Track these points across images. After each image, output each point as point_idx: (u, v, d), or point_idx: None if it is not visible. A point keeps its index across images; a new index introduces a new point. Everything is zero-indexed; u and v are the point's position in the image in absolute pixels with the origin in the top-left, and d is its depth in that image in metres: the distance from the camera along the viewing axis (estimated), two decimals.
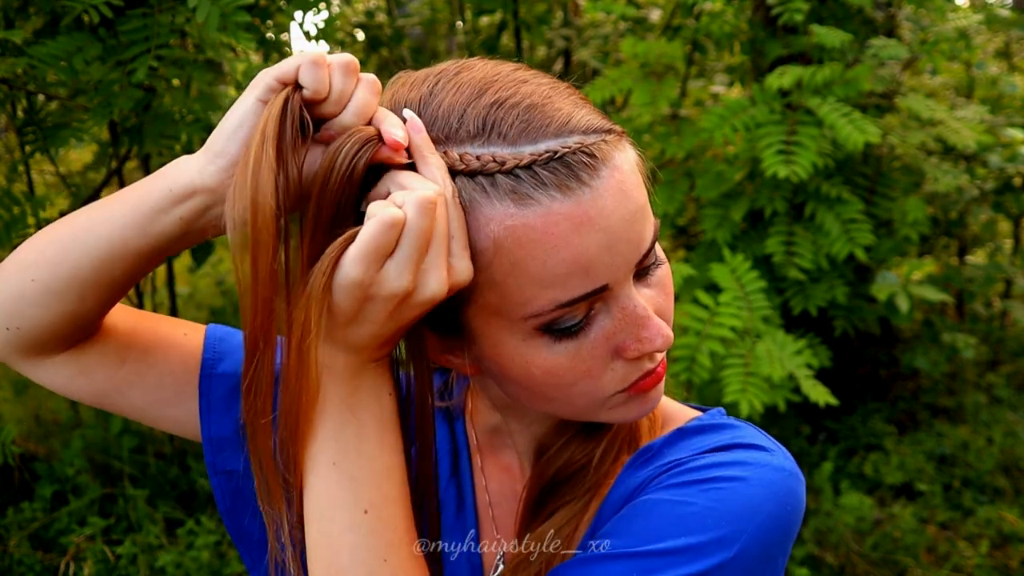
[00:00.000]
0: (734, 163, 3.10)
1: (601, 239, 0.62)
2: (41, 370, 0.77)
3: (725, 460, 0.69)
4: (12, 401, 3.62)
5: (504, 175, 0.61)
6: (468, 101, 0.63)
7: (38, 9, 2.11)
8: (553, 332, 0.65)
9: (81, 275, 0.68)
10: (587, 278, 0.62)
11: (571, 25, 4.61)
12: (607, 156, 0.63)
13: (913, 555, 2.78)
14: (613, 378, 0.67)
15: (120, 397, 0.79)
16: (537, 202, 0.60)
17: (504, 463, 0.83)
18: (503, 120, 0.62)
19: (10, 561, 2.64)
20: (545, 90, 0.64)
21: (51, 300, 0.70)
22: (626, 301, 0.65)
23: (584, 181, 0.61)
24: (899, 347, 3.74)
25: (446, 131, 0.63)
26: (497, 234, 0.61)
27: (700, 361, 2.33)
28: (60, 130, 2.33)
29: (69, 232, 0.69)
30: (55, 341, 0.74)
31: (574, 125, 0.62)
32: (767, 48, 3.18)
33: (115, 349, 0.77)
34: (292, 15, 2.37)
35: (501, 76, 0.65)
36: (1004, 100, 3.90)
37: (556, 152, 0.61)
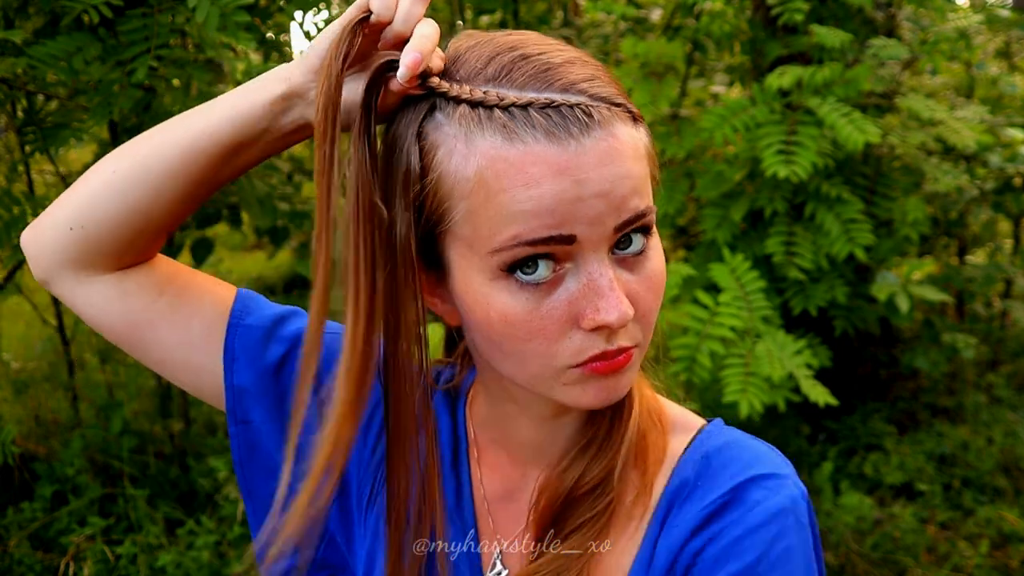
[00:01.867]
0: (734, 163, 3.10)
1: (573, 189, 0.64)
2: (83, 287, 0.79)
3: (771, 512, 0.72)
4: (12, 401, 3.62)
5: (501, 110, 0.64)
6: (499, 52, 0.68)
7: (38, 9, 2.11)
8: (517, 277, 0.66)
9: (165, 165, 0.74)
10: (552, 221, 0.64)
11: (571, 25, 4.61)
12: (605, 121, 0.65)
13: (913, 555, 2.78)
14: (569, 347, 0.67)
15: (151, 330, 0.80)
16: (522, 140, 0.64)
17: (495, 459, 0.83)
18: (520, 68, 0.66)
19: (10, 561, 2.64)
20: (577, 55, 0.68)
21: (127, 191, 0.74)
22: (594, 268, 0.66)
23: (573, 134, 0.64)
24: (899, 347, 3.74)
25: (469, 71, 0.67)
26: (481, 164, 0.65)
27: (700, 361, 2.33)
28: (60, 130, 2.33)
29: (163, 125, 0.76)
30: (112, 248, 0.77)
31: (584, 88, 0.66)
32: (767, 48, 3.18)
33: (156, 282, 0.80)
34: (292, 15, 2.38)
35: (545, 42, 0.69)
36: (1004, 100, 3.90)
37: (554, 102, 0.64)
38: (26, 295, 3.23)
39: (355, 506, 0.85)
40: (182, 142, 0.73)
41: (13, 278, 2.68)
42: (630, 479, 0.77)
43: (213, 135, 0.73)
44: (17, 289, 2.87)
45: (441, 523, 0.77)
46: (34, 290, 3.39)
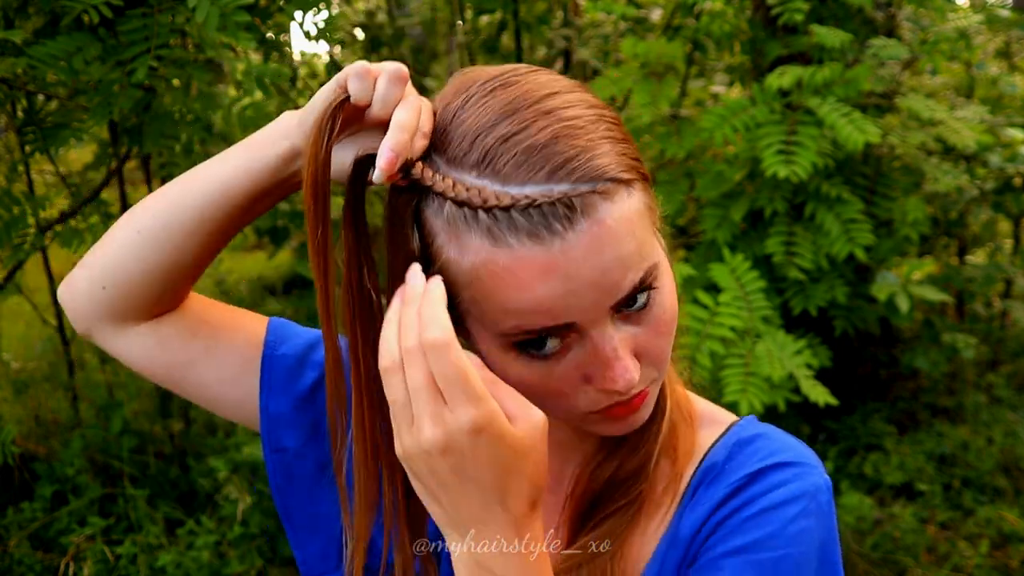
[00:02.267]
0: (734, 163, 3.10)
1: (564, 287, 0.64)
2: (122, 338, 0.83)
3: (793, 495, 0.75)
4: (12, 401, 3.62)
5: (484, 212, 0.64)
6: (482, 129, 0.66)
7: (38, 9, 2.11)
8: (527, 352, 0.68)
9: (184, 220, 0.76)
10: (549, 316, 0.65)
11: (571, 25, 4.60)
12: (590, 209, 0.64)
13: (913, 555, 2.78)
14: (586, 400, 0.71)
15: (191, 371, 0.85)
16: (508, 244, 0.64)
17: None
18: (502, 157, 0.64)
19: (10, 561, 2.64)
20: (559, 128, 0.65)
21: (151, 250, 0.78)
22: (598, 339, 0.67)
23: (556, 232, 0.63)
24: (899, 347, 3.74)
25: (456, 153, 0.67)
26: (473, 263, 0.65)
27: (700, 361, 2.33)
28: (60, 130, 2.33)
29: (180, 182, 0.78)
30: (144, 301, 0.81)
31: (567, 172, 0.64)
32: (767, 48, 3.18)
33: (189, 324, 0.84)
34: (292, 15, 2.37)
35: (527, 103, 0.66)
36: (1004, 100, 3.90)
37: (534, 200, 0.63)
38: (26, 295, 3.23)
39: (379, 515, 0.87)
40: (199, 201, 0.76)
41: (13, 278, 2.68)
42: (661, 469, 0.80)
43: (228, 192, 0.75)
44: (17, 289, 2.87)
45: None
46: (34, 290, 3.39)
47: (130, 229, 0.79)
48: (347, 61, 5.22)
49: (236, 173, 0.75)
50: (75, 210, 2.51)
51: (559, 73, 0.73)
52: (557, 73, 0.72)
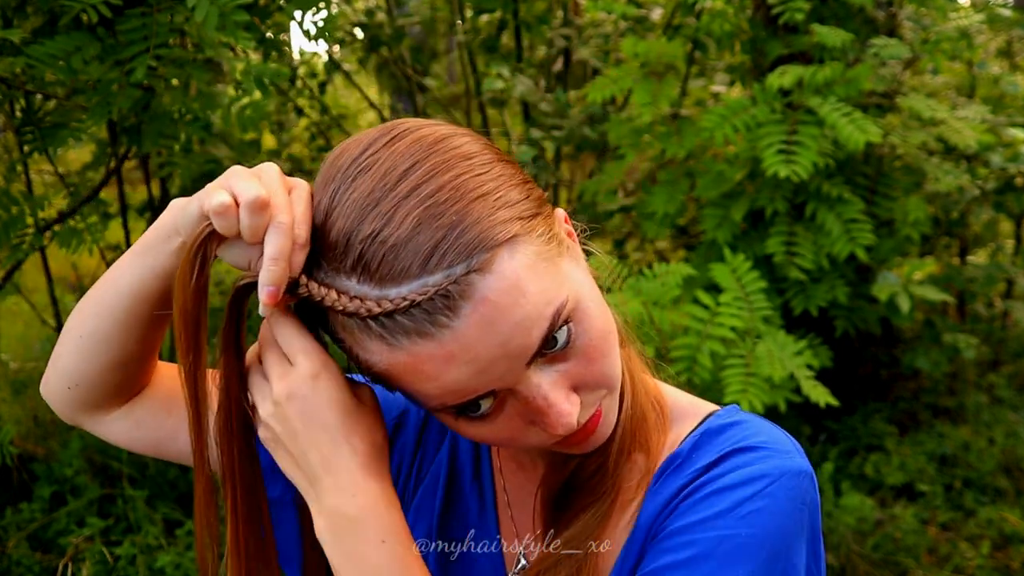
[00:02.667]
0: (735, 163, 3.09)
1: (469, 369, 0.65)
2: (102, 426, 0.87)
3: (752, 475, 0.72)
4: (10, 401, 3.62)
5: (372, 320, 0.65)
6: (351, 231, 0.65)
7: (36, 8, 2.11)
8: (465, 415, 0.70)
9: (118, 322, 0.78)
10: (467, 394, 0.67)
11: (571, 24, 4.60)
12: (469, 292, 0.63)
13: (914, 556, 2.78)
14: (539, 438, 0.72)
15: (172, 444, 0.88)
16: (402, 347, 0.65)
17: (520, 462, 0.86)
18: (373, 259, 0.64)
19: (9, 562, 2.63)
20: (421, 212, 0.64)
21: (98, 351, 0.80)
22: (526, 392, 0.68)
23: (442, 324, 0.63)
24: (900, 347, 3.73)
25: (332, 260, 0.67)
26: (382, 364, 0.67)
27: (701, 361, 2.32)
28: (58, 130, 2.33)
29: (102, 288, 0.80)
30: (108, 394, 0.84)
31: (438, 260, 0.63)
32: (768, 47, 3.17)
33: (161, 402, 0.87)
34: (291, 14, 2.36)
35: (388, 186, 0.65)
36: (1005, 100, 3.89)
37: (413, 300, 0.63)
38: (24, 295, 3.22)
39: None
40: (123, 304, 0.78)
41: (12, 278, 2.67)
42: (633, 462, 0.79)
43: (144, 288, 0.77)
44: (16, 289, 2.87)
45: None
46: (32, 290, 3.38)
47: (75, 334, 0.82)
48: (347, 60, 5.22)
49: (142, 276, 0.76)
50: (74, 210, 2.51)
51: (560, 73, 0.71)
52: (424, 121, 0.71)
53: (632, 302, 2.28)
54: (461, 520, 0.87)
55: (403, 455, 0.90)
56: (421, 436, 0.91)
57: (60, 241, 2.43)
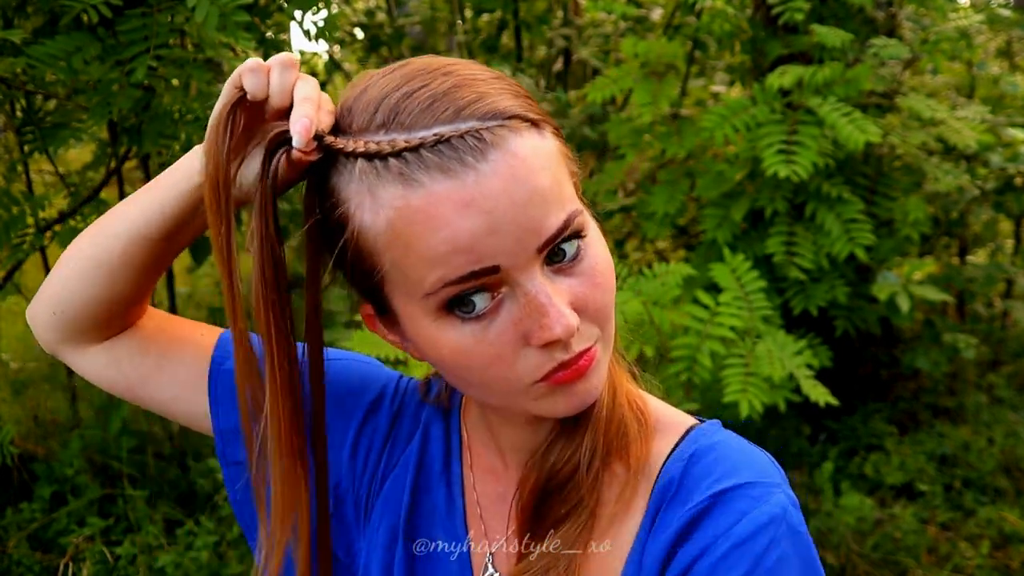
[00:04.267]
0: (735, 163, 3.09)
1: (484, 221, 0.62)
2: (80, 358, 0.87)
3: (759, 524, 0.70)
4: (10, 401, 3.62)
5: (394, 157, 0.63)
6: (386, 94, 0.66)
7: (37, 8, 2.11)
8: (457, 315, 0.66)
9: (113, 257, 0.78)
10: (471, 257, 0.63)
11: (571, 24, 4.60)
12: (500, 141, 0.63)
13: (914, 556, 2.78)
14: (527, 366, 0.67)
15: (143, 389, 0.87)
16: (420, 184, 0.62)
17: (489, 463, 0.83)
18: (406, 108, 0.65)
19: (9, 562, 2.63)
20: (460, 79, 0.66)
21: (86, 284, 0.80)
22: (528, 287, 0.65)
23: (468, 164, 0.62)
24: (900, 347, 3.73)
25: (361, 122, 0.66)
26: (389, 216, 0.64)
27: (701, 361, 2.32)
28: (59, 130, 2.33)
29: (103, 222, 0.80)
30: (92, 325, 0.83)
31: (472, 111, 0.64)
32: (768, 47, 3.18)
33: (141, 343, 0.87)
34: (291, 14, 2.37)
35: (427, 69, 0.67)
36: (1005, 100, 3.90)
37: (443, 135, 0.63)
38: (24, 295, 3.22)
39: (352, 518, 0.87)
40: (121, 240, 0.78)
41: (12, 278, 2.67)
42: (613, 472, 0.76)
43: (147, 227, 0.77)
44: (16, 289, 2.87)
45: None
46: (33, 290, 3.38)
47: (68, 263, 0.82)
48: (347, 60, 5.22)
49: (150, 212, 0.76)
50: (74, 210, 2.51)
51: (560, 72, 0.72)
52: None
53: (632, 302, 2.28)
54: (428, 517, 0.83)
55: (373, 441, 0.87)
56: (393, 425, 0.88)
57: (61, 241, 2.43)
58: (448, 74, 0.66)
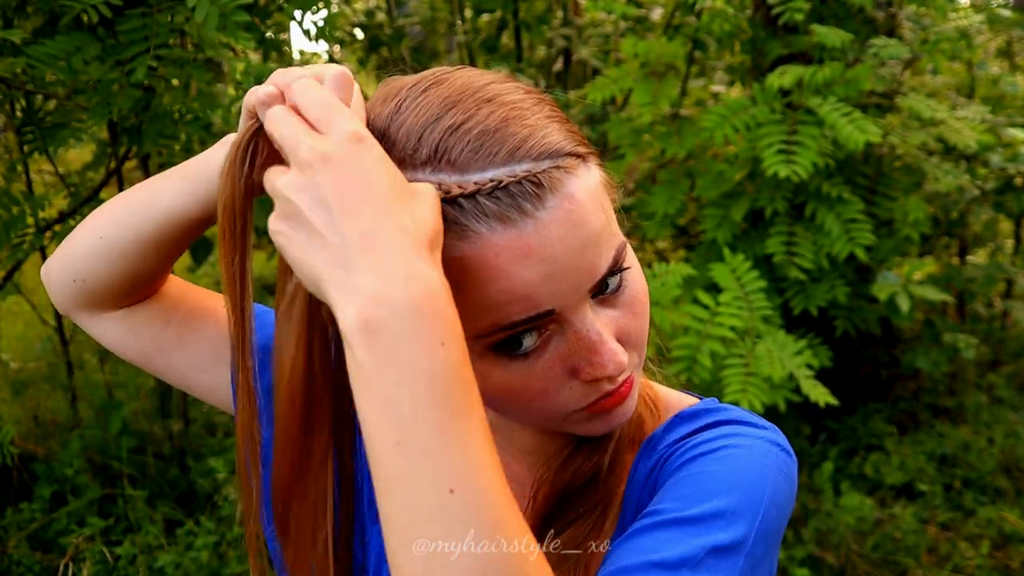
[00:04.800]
0: (735, 163, 3.09)
1: (543, 270, 0.61)
2: (96, 323, 0.85)
3: (726, 433, 0.71)
4: (10, 401, 3.62)
5: (448, 204, 0.60)
6: (426, 124, 0.62)
7: (37, 8, 2.11)
8: (505, 353, 0.64)
9: (143, 237, 0.76)
10: (528, 305, 0.62)
11: (571, 24, 4.60)
12: (557, 184, 0.61)
13: (914, 556, 2.78)
14: (571, 397, 0.67)
15: (162, 358, 0.85)
16: (478, 234, 0.60)
17: (504, 463, 0.82)
18: (454, 147, 0.61)
19: (9, 562, 2.63)
20: (506, 111, 0.63)
21: (115, 258, 0.78)
22: (579, 325, 0.64)
23: (527, 212, 0.60)
24: (900, 347, 3.73)
25: (403, 154, 0.62)
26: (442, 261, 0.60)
27: (701, 361, 2.33)
28: (59, 130, 2.33)
29: (137, 196, 0.77)
30: (113, 297, 0.82)
31: (526, 151, 0.61)
32: (768, 47, 3.17)
33: (161, 313, 0.85)
34: (291, 14, 2.37)
35: (467, 94, 0.64)
36: (1005, 100, 3.90)
37: (500, 181, 0.60)
38: (25, 295, 3.22)
39: (367, 508, 0.85)
40: (156, 217, 0.75)
41: (12, 278, 2.67)
42: (626, 465, 0.77)
43: (181, 213, 0.73)
44: (16, 289, 2.87)
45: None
46: (32, 290, 3.39)
47: (94, 233, 0.79)
48: (347, 60, 5.22)
49: (184, 201, 0.73)
50: (74, 210, 2.51)
51: (559, 72, 0.71)
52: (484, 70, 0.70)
53: None
54: None
55: None
56: None
57: (60, 241, 2.43)
58: (491, 101, 0.63)
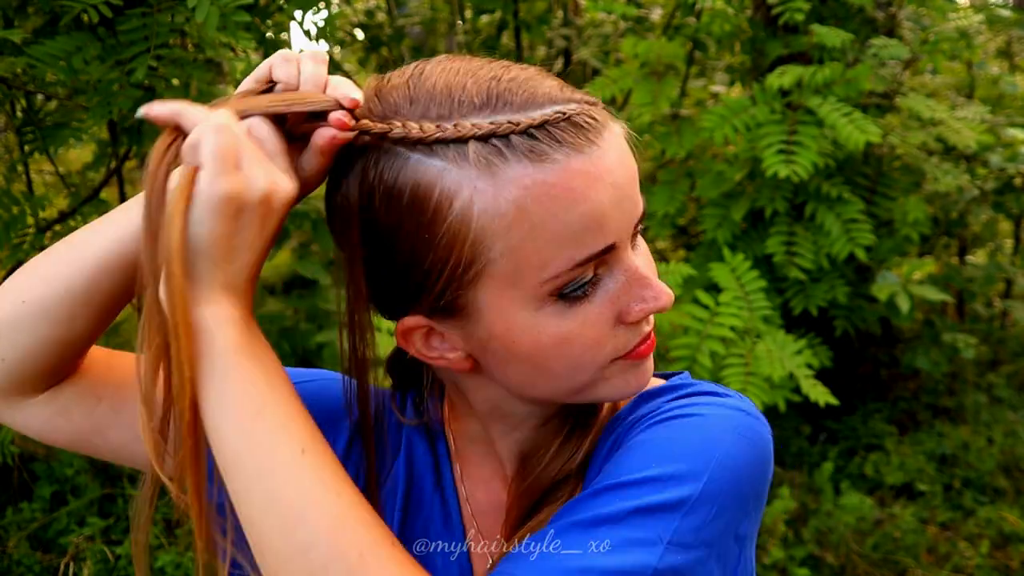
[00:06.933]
0: (734, 163, 3.09)
1: (613, 194, 0.64)
2: (19, 412, 0.75)
3: (683, 403, 0.71)
4: None
5: (519, 135, 0.62)
6: (466, 77, 0.65)
7: (37, 8, 2.11)
8: (565, 297, 0.65)
9: (74, 289, 0.68)
10: (600, 234, 0.64)
11: (571, 24, 4.60)
12: (607, 120, 0.66)
13: (914, 555, 2.78)
14: (616, 344, 0.68)
15: (99, 437, 0.78)
16: (554, 160, 0.62)
17: (486, 473, 0.82)
18: (507, 90, 0.64)
19: (9, 562, 2.63)
20: (530, 71, 0.67)
21: (40, 323, 0.69)
22: (629, 262, 0.67)
23: (593, 140, 0.64)
24: (899, 347, 3.73)
25: (449, 105, 0.64)
26: (517, 196, 0.62)
27: (701, 361, 2.33)
28: (59, 130, 2.33)
29: (65, 247, 0.70)
30: (38, 374, 0.73)
31: (569, 93, 0.65)
32: (768, 48, 3.18)
33: (91, 386, 0.76)
34: (292, 14, 2.37)
35: (484, 62, 0.67)
36: (1005, 100, 3.90)
37: (566, 113, 0.63)
38: None
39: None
40: (86, 268, 0.67)
41: None
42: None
43: (118, 254, 0.67)
44: None
45: None
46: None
47: (15, 297, 0.69)
48: (347, 61, 5.22)
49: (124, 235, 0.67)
50: (74, 210, 2.51)
51: (560, 73, 0.72)
52: None
53: None
54: (423, 532, 0.81)
55: (360, 461, 0.81)
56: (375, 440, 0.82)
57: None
58: (508, 67, 0.67)
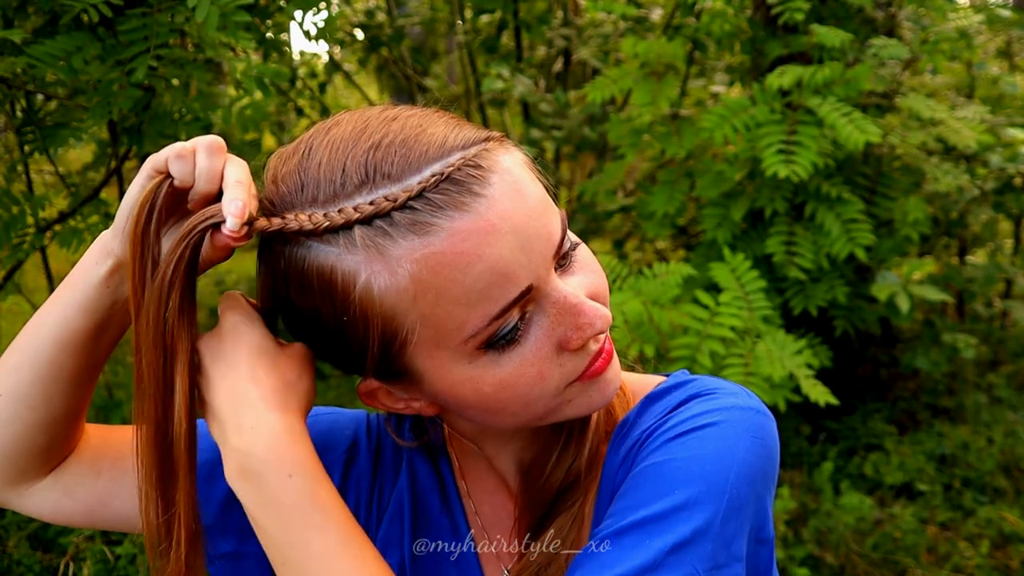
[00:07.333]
0: (734, 163, 3.09)
1: (511, 241, 0.62)
2: (28, 499, 0.79)
3: (694, 412, 0.71)
4: None
5: (400, 211, 0.61)
6: (345, 153, 0.64)
7: (37, 8, 2.11)
8: (495, 346, 0.65)
9: (41, 372, 0.72)
10: (510, 283, 0.63)
11: (571, 24, 4.60)
12: (492, 163, 0.64)
13: (913, 555, 2.78)
14: (564, 372, 0.68)
15: (106, 510, 0.81)
16: (439, 228, 0.61)
17: (490, 486, 0.82)
18: (383, 160, 0.63)
19: (9, 562, 2.63)
20: (416, 120, 0.66)
21: (21, 410, 0.73)
22: (555, 295, 0.66)
23: (477, 192, 0.62)
24: (899, 347, 3.73)
25: (332, 189, 0.64)
26: (412, 271, 0.62)
27: (700, 361, 2.33)
28: (59, 130, 2.33)
29: (23, 335, 0.73)
30: (35, 458, 0.76)
31: (452, 144, 0.64)
32: (767, 47, 3.18)
33: (90, 464, 0.80)
34: (292, 15, 2.37)
35: (370, 122, 0.66)
36: (1005, 100, 3.90)
37: (444, 174, 0.62)
38: (25, 295, 3.22)
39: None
40: (43, 357, 0.72)
41: (12, 278, 2.67)
42: (602, 455, 0.77)
43: (70, 329, 0.71)
44: (16, 289, 2.87)
45: None
46: (33, 290, 3.39)
47: None
48: (347, 61, 5.22)
49: (66, 316, 0.71)
50: (74, 210, 2.51)
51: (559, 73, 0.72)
52: None
53: (632, 302, 2.29)
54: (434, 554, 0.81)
55: (360, 489, 0.84)
56: (376, 465, 0.85)
57: (61, 241, 2.43)
58: (395, 119, 0.65)
